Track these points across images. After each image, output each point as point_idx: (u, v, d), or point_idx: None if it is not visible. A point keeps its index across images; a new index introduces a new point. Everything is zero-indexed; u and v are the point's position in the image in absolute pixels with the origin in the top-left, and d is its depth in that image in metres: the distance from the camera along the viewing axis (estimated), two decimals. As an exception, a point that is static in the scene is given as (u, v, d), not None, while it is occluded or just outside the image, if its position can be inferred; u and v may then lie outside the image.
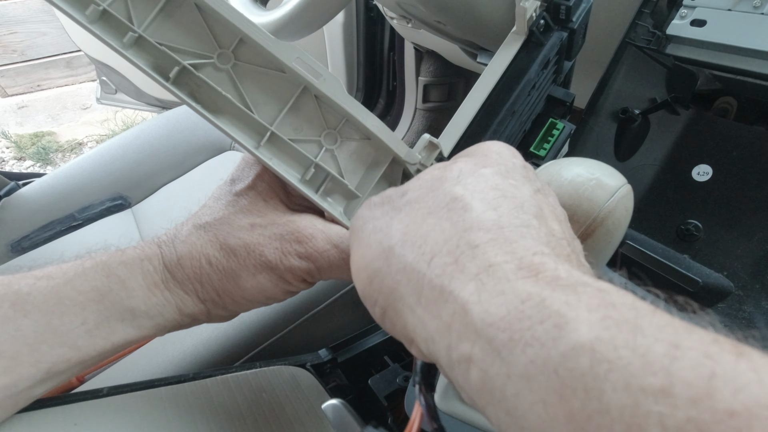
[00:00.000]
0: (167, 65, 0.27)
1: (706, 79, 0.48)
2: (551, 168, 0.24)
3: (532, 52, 0.36)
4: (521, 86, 0.35)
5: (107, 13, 0.26)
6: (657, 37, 0.48)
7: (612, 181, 0.23)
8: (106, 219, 0.80)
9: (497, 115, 0.34)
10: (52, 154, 2.11)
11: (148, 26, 0.26)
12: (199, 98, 0.27)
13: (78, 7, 0.26)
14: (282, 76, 0.28)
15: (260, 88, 0.28)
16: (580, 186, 0.22)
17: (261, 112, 0.28)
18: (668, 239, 0.45)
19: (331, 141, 0.29)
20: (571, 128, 0.38)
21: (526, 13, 0.35)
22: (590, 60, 0.61)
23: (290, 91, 0.28)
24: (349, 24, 1.09)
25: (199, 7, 0.27)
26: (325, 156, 0.29)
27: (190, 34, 0.27)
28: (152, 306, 0.26)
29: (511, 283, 0.14)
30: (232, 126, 0.28)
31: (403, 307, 0.17)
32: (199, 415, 0.33)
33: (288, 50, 0.27)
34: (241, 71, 0.28)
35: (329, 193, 0.29)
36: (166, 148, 0.86)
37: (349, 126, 0.29)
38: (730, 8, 0.43)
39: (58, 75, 2.48)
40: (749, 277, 0.41)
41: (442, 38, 0.69)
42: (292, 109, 0.28)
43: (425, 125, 1.25)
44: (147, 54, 0.27)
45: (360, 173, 0.30)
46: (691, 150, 0.47)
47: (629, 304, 0.13)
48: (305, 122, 0.29)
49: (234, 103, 0.27)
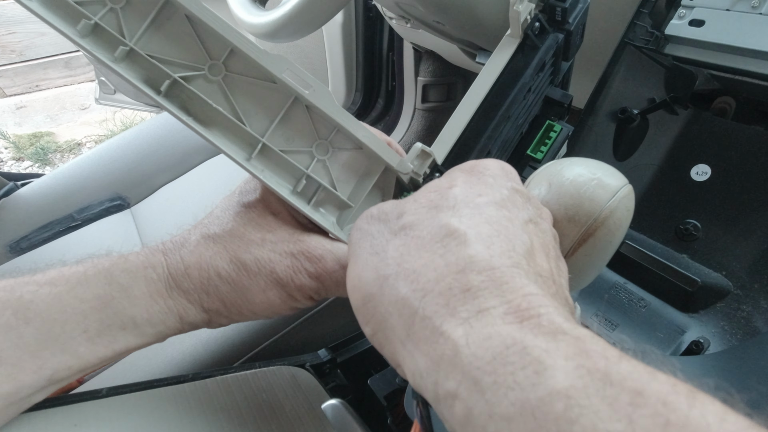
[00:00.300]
0: (158, 78, 0.26)
1: (704, 79, 0.48)
2: (553, 167, 0.24)
3: (528, 55, 0.36)
4: (516, 90, 0.34)
5: (99, 27, 0.26)
6: (655, 37, 0.48)
7: (613, 181, 0.22)
8: (104, 219, 0.80)
9: (492, 120, 0.34)
10: (50, 155, 2.11)
11: (139, 39, 0.26)
12: (191, 110, 0.27)
13: (69, 22, 0.25)
14: (273, 87, 0.28)
15: (251, 99, 0.28)
16: (581, 186, 0.22)
17: (252, 124, 0.28)
18: (667, 239, 0.45)
19: (322, 151, 0.29)
20: (569, 130, 0.38)
21: (520, 17, 0.34)
22: (589, 60, 0.61)
23: (281, 101, 0.28)
24: (348, 24, 1.09)
25: (189, 18, 0.27)
26: (317, 166, 0.29)
27: (181, 45, 0.27)
28: (154, 314, 0.26)
29: (497, 328, 0.16)
30: (224, 138, 0.28)
31: (394, 337, 0.18)
32: (199, 416, 0.33)
33: (277, 62, 0.27)
34: (233, 82, 0.28)
35: (321, 203, 0.29)
36: (165, 148, 0.86)
37: (340, 136, 0.29)
38: (728, 8, 0.43)
39: (56, 75, 2.48)
40: (748, 276, 0.41)
41: (441, 38, 0.69)
42: (284, 119, 0.28)
43: (424, 125, 1.25)
44: (138, 67, 0.26)
45: (352, 183, 0.30)
46: (690, 150, 0.47)
47: (600, 352, 0.14)
48: (296, 133, 0.29)
49: (225, 115, 0.27)
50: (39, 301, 0.24)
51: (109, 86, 1.49)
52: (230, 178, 0.81)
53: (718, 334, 0.39)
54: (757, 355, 0.34)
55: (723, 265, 0.42)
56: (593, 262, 0.24)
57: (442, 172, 0.31)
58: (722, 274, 0.42)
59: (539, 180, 0.24)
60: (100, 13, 0.26)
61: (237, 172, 0.93)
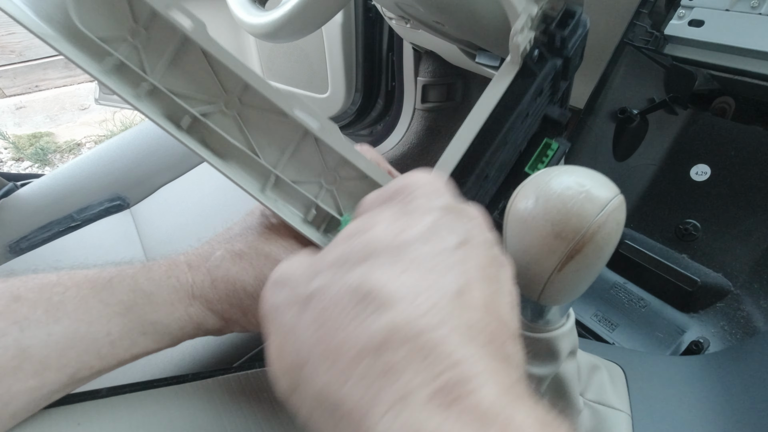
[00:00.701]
0: (178, 114, 0.27)
1: (704, 79, 0.48)
2: (540, 178, 0.23)
3: (526, 81, 0.36)
4: (514, 117, 0.35)
5: (122, 65, 0.26)
6: (655, 38, 0.48)
7: (603, 193, 0.21)
8: (104, 220, 0.80)
9: (490, 145, 0.34)
10: (50, 155, 2.11)
11: (160, 75, 0.27)
12: (209, 144, 0.28)
13: (94, 59, 0.26)
14: (284, 120, 0.29)
15: (264, 131, 0.29)
16: (568, 200, 0.21)
17: (266, 155, 0.29)
18: (667, 239, 0.45)
19: (330, 180, 0.30)
20: (566, 147, 0.38)
21: (519, 48, 0.34)
22: (589, 60, 0.61)
23: (292, 134, 0.29)
24: (347, 24, 1.09)
25: (205, 53, 0.27)
26: (326, 195, 0.30)
27: (197, 80, 0.28)
28: (174, 320, 0.27)
29: (421, 417, 0.14)
30: (239, 170, 0.29)
31: (323, 428, 0.16)
32: (200, 415, 0.33)
33: (288, 100, 0.28)
34: (247, 115, 0.29)
35: (329, 230, 0.31)
36: (165, 148, 0.86)
37: (346, 165, 0.30)
38: (727, 8, 0.43)
39: (56, 75, 2.47)
40: (748, 276, 0.41)
41: (441, 38, 0.69)
42: (295, 152, 0.30)
43: (424, 125, 1.25)
44: (159, 103, 0.27)
45: None
46: (690, 150, 0.47)
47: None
48: (306, 164, 0.30)
49: (241, 148, 0.28)
50: (68, 302, 0.25)
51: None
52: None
53: (718, 333, 0.40)
54: (756, 354, 0.34)
55: (723, 264, 0.42)
56: (582, 277, 0.23)
57: None
58: (722, 274, 0.42)
59: (526, 192, 0.23)
60: (122, 50, 0.26)
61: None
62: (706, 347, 0.39)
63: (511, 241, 0.25)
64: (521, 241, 0.23)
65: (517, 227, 0.23)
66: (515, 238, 0.24)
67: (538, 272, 0.23)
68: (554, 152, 0.37)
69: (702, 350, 0.38)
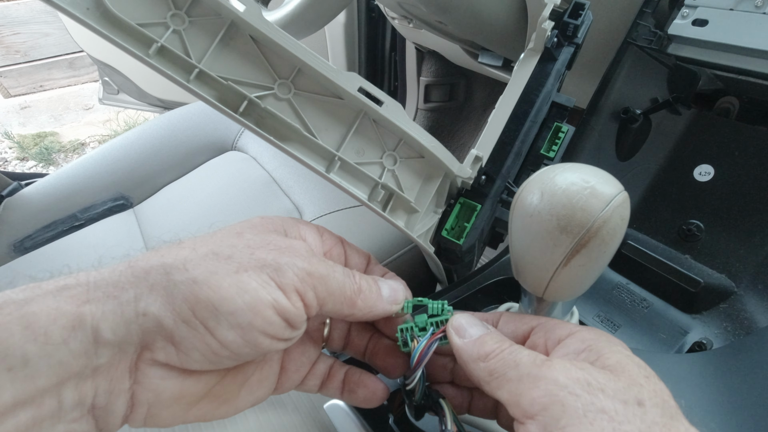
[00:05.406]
0: (233, 98, 0.28)
1: (707, 79, 0.48)
2: (546, 174, 0.23)
3: (546, 67, 0.40)
4: (541, 98, 0.39)
5: (165, 50, 0.26)
6: (658, 37, 0.48)
7: (607, 189, 0.22)
8: (108, 219, 0.80)
9: (523, 125, 0.39)
10: (54, 155, 2.12)
11: (206, 60, 0.27)
12: (264, 126, 0.29)
13: (143, 44, 0.26)
14: (340, 103, 0.30)
15: (321, 114, 0.30)
16: (573, 195, 0.22)
17: (324, 138, 0.30)
18: (670, 239, 0.45)
19: (391, 162, 0.31)
20: (572, 130, 0.41)
21: (546, 33, 0.39)
22: (592, 60, 0.61)
23: (350, 116, 0.30)
24: (350, 24, 1.10)
25: (254, 38, 0.28)
26: (388, 176, 0.31)
27: (248, 65, 0.28)
28: None
29: None
30: (302, 151, 0.29)
31: None
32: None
33: (350, 79, 0.29)
34: (301, 99, 0.29)
35: (394, 209, 0.32)
36: (168, 148, 0.87)
37: (404, 146, 0.31)
38: (731, 8, 0.43)
39: (60, 75, 2.49)
40: (751, 277, 0.41)
41: (444, 38, 0.69)
42: (354, 133, 0.30)
43: (427, 125, 1.25)
44: (209, 88, 0.28)
45: (416, 189, 0.33)
46: (693, 150, 0.47)
47: None
48: (366, 145, 0.31)
49: (300, 131, 0.29)
50: None
51: (112, 86, 1.50)
52: (232, 178, 0.81)
53: (721, 334, 0.39)
54: (758, 349, 0.34)
55: (726, 265, 0.42)
56: (587, 272, 0.23)
57: (488, 175, 0.36)
58: (725, 275, 0.41)
59: (532, 187, 0.23)
60: (164, 36, 0.26)
61: (239, 171, 0.93)
62: (709, 348, 0.38)
63: (516, 236, 0.25)
64: (527, 235, 0.24)
65: (522, 222, 0.24)
66: (521, 232, 0.24)
67: (543, 267, 0.23)
68: (565, 134, 0.40)
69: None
